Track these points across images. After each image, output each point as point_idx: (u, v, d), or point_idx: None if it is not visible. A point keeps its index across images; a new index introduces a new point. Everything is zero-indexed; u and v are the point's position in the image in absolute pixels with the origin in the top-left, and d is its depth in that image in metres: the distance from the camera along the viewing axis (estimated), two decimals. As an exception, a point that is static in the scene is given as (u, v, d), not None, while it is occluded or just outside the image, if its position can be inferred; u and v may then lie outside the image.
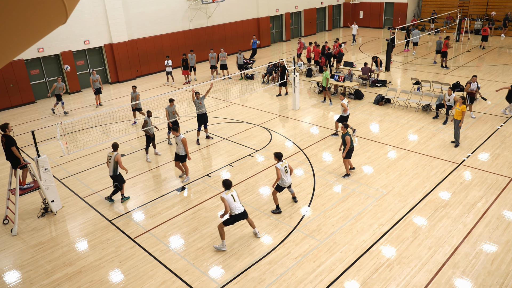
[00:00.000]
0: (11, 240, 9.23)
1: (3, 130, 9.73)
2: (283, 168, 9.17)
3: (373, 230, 8.81)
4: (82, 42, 20.73)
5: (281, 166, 9.14)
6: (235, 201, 8.14)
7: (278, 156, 9.21)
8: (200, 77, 22.56)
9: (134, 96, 15.03)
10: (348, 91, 18.04)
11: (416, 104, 15.85)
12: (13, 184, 9.93)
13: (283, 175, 9.20)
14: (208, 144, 13.76)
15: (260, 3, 28.86)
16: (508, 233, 8.45)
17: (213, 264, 8.06)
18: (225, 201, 7.99)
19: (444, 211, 9.33)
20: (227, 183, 8.15)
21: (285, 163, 9.25)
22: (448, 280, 7.29)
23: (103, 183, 11.56)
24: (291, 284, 7.43)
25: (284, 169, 9.20)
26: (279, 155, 9.22)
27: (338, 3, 35.92)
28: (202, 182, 11.25)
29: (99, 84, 17.91)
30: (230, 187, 8.18)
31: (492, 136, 13.05)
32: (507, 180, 10.47)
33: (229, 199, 8.04)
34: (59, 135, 11.57)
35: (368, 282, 7.35)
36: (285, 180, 9.28)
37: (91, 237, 9.17)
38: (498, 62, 22.13)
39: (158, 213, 9.94)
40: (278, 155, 9.22)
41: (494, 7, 30.84)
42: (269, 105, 17.39)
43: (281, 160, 9.24)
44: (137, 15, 22.63)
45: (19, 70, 18.81)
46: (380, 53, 25.31)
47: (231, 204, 8.07)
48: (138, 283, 7.68)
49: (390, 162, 11.78)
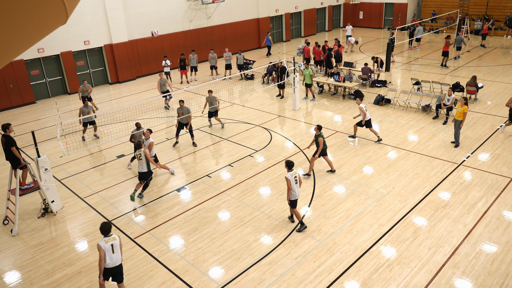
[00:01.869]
0: (11, 240, 9.24)
1: (4, 130, 9.73)
2: (292, 178, 8.54)
3: (373, 230, 8.81)
4: (82, 42, 20.74)
5: (290, 177, 8.52)
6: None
7: (289, 165, 8.59)
8: (200, 77, 22.56)
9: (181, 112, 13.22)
10: (348, 91, 18.05)
11: (416, 104, 15.85)
12: (13, 185, 9.94)
13: (293, 186, 8.56)
14: (208, 144, 13.76)
15: (260, 3, 28.86)
16: (508, 234, 8.45)
17: (213, 265, 8.06)
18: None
19: (444, 211, 9.33)
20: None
21: (295, 172, 8.65)
22: (448, 280, 7.29)
23: (103, 183, 11.56)
24: (291, 284, 7.43)
25: (294, 179, 8.58)
26: (290, 164, 8.59)
27: (338, 3, 35.93)
28: (202, 183, 11.25)
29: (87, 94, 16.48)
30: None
31: (492, 136, 13.05)
32: (507, 180, 10.47)
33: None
34: (59, 135, 11.57)
35: (368, 283, 7.35)
36: (296, 192, 8.65)
37: (91, 238, 9.17)
38: (498, 62, 22.14)
39: (158, 213, 9.95)
40: (289, 163, 8.58)
41: (494, 7, 30.85)
42: (269, 105, 17.39)
43: (292, 169, 8.66)
44: (137, 15, 22.63)
45: (19, 71, 18.81)
46: (380, 54, 25.32)
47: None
48: (138, 283, 7.68)
49: (390, 162, 11.78)
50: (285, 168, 8.84)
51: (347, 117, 15.41)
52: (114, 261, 6.80)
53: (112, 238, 6.82)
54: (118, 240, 6.88)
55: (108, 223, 6.86)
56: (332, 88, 19.05)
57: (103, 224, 6.82)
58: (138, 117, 16.71)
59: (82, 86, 16.61)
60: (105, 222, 6.91)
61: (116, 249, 6.82)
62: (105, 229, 6.78)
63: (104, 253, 6.67)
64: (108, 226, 6.83)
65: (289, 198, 8.69)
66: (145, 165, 10.20)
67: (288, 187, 8.56)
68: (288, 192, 8.62)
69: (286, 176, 8.55)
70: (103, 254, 6.66)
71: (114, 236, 6.86)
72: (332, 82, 17.78)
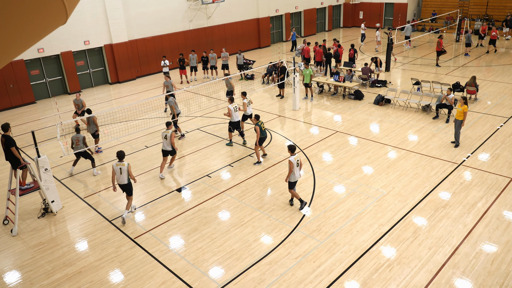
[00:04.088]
0: (11, 240, 9.24)
1: (4, 130, 9.73)
2: (295, 161, 9.24)
3: (373, 230, 8.81)
4: (82, 42, 20.74)
5: (294, 160, 9.21)
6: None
7: (291, 149, 9.35)
8: (200, 77, 22.56)
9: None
10: (348, 91, 18.05)
11: (416, 104, 15.85)
12: (13, 185, 9.94)
13: (295, 168, 9.27)
14: (208, 144, 13.76)
15: (260, 3, 28.86)
16: (508, 233, 8.45)
17: (213, 264, 8.06)
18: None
19: (444, 211, 9.33)
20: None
21: (297, 156, 9.36)
22: (448, 280, 7.30)
23: (103, 183, 11.56)
24: (291, 284, 7.43)
25: (297, 162, 9.29)
26: (293, 147, 9.37)
27: (338, 3, 35.92)
28: (202, 183, 11.25)
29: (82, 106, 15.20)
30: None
31: (492, 136, 13.05)
32: (507, 180, 10.47)
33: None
34: (59, 135, 11.57)
35: (368, 282, 7.35)
36: (296, 174, 9.36)
37: (91, 238, 9.17)
38: (498, 62, 22.13)
39: (158, 213, 9.95)
40: (292, 148, 9.36)
41: (494, 7, 30.85)
42: (269, 105, 17.39)
43: (294, 153, 9.33)
44: (137, 15, 22.64)
45: (19, 71, 18.81)
46: (380, 54, 25.32)
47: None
48: (138, 283, 7.68)
49: (390, 162, 11.78)
50: (288, 152, 9.52)
51: (347, 117, 15.41)
52: (120, 180, 9.41)
53: (122, 164, 9.32)
54: (126, 166, 9.31)
55: (123, 152, 9.36)
56: (332, 88, 19.04)
57: (119, 152, 9.35)
58: (138, 117, 16.72)
59: (75, 100, 15.23)
60: (121, 150, 9.38)
61: (123, 172, 9.29)
62: (119, 156, 9.34)
63: (114, 172, 9.32)
64: (122, 154, 9.36)
65: (288, 179, 9.41)
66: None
67: (290, 170, 9.22)
68: (288, 174, 9.32)
69: (290, 160, 9.18)
70: (113, 172, 9.36)
71: (124, 163, 9.33)
72: (332, 82, 17.78)
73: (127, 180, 9.44)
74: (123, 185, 9.49)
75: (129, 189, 9.59)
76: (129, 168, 9.37)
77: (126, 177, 9.38)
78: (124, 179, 9.39)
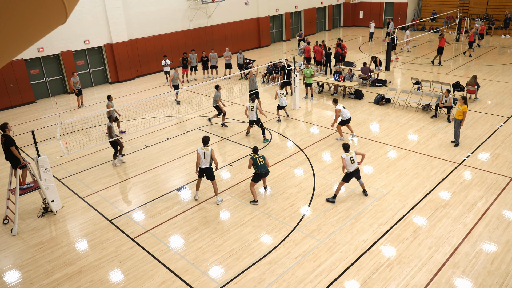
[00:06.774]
0: (11, 240, 9.23)
1: (2, 130, 9.72)
2: (348, 158, 9.60)
3: (373, 230, 8.81)
4: (82, 42, 20.73)
5: (346, 156, 9.60)
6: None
7: (346, 148, 9.75)
8: (200, 77, 22.55)
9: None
10: (348, 91, 18.04)
11: (416, 104, 15.85)
12: (13, 184, 9.93)
13: (348, 164, 9.62)
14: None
15: (260, 3, 28.85)
16: (508, 233, 8.45)
17: (213, 264, 8.06)
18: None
19: (444, 211, 9.33)
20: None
21: (351, 153, 9.68)
22: (448, 280, 7.29)
23: (103, 182, 11.56)
24: (291, 284, 7.43)
25: (350, 159, 9.61)
26: (347, 146, 9.76)
27: (338, 2, 35.91)
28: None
29: (79, 86, 18.21)
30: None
31: (492, 136, 13.05)
32: (507, 180, 10.47)
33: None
34: (59, 135, 11.56)
35: (368, 282, 7.35)
36: (348, 168, 9.68)
37: (91, 237, 9.17)
38: (498, 62, 22.13)
39: (158, 213, 9.94)
40: (345, 146, 9.77)
41: (494, 7, 30.84)
42: (269, 105, 17.38)
43: (348, 150, 9.71)
44: (137, 15, 22.62)
45: (19, 70, 18.80)
46: (379, 53, 25.31)
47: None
48: (138, 283, 7.68)
49: (390, 162, 11.78)
50: (343, 150, 9.93)
51: (347, 117, 15.40)
52: (203, 164, 9.78)
53: (206, 148, 9.74)
54: (209, 150, 9.69)
55: (208, 137, 9.81)
56: (332, 88, 19.03)
57: (204, 137, 9.81)
58: (138, 116, 16.71)
59: (72, 78, 18.00)
60: (206, 136, 9.83)
61: (207, 156, 9.72)
62: (204, 141, 9.78)
63: (199, 155, 9.74)
64: (207, 139, 9.80)
65: (344, 171, 9.81)
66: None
67: (344, 165, 9.67)
68: (343, 169, 9.76)
69: (342, 156, 9.66)
70: (198, 157, 9.77)
71: (208, 148, 9.74)
72: (332, 81, 17.77)
73: (209, 164, 9.83)
74: (205, 168, 9.86)
75: (210, 173, 9.92)
76: (213, 153, 9.75)
77: (209, 161, 9.79)
78: (207, 163, 9.78)
